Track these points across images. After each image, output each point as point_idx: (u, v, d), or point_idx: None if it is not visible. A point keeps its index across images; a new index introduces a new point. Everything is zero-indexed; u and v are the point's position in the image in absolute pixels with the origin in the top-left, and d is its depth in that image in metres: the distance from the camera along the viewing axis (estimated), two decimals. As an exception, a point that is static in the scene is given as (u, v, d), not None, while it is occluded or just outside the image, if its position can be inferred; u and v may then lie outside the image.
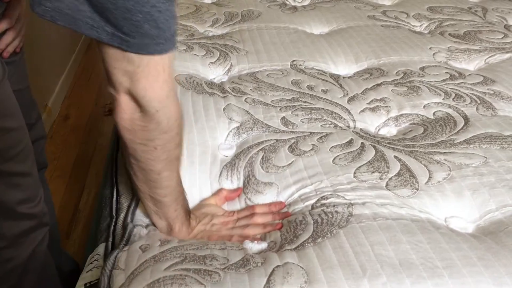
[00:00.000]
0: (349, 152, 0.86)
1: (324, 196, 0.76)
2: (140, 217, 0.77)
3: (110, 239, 0.75)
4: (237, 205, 0.83)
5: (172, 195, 0.71)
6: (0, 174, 0.76)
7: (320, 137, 0.91)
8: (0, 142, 0.73)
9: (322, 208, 0.74)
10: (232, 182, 0.85)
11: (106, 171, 0.99)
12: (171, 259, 0.64)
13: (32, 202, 0.82)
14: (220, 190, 0.83)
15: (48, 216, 0.89)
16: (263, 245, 0.71)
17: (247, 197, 0.82)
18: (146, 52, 0.58)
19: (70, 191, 1.69)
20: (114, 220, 0.77)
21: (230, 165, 0.87)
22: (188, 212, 0.76)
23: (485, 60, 1.24)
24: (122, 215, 0.76)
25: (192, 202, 0.82)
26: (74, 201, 1.65)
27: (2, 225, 0.81)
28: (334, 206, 0.74)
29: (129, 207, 0.77)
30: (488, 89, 1.07)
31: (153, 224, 0.76)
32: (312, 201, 0.76)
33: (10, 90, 0.74)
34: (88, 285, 0.73)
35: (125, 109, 0.62)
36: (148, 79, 0.59)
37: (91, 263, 0.76)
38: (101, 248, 0.76)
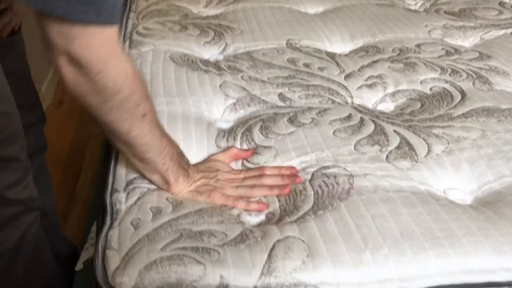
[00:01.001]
0: (348, 125, 0.86)
1: (325, 166, 0.76)
2: (119, 181, 0.74)
3: (100, 215, 0.74)
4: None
5: (152, 151, 0.69)
6: None
7: (319, 112, 0.90)
8: None
9: (323, 178, 0.74)
10: (228, 141, 0.83)
11: (104, 152, 0.99)
12: (166, 237, 0.62)
13: (18, 187, 0.82)
14: (230, 148, 0.80)
15: (38, 201, 0.88)
16: (261, 217, 0.70)
17: (245, 159, 0.80)
18: (74, 19, 0.55)
19: (66, 175, 1.69)
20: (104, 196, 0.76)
21: (228, 130, 0.86)
22: (182, 164, 0.73)
23: (480, 36, 1.24)
24: (109, 188, 0.75)
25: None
26: (70, 186, 1.64)
27: None
28: (335, 177, 0.73)
29: (107, 175, 0.75)
30: (484, 64, 1.08)
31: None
32: (313, 169, 0.75)
33: (1, 74, 0.73)
34: (86, 263, 0.73)
35: (66, 74, 0.59)
36: (83, 39, 0.56)
37: (87, 241, 0.76)
38: (94, 226, 0.76)
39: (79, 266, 0.75)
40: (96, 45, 0.57)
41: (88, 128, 1.94)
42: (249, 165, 0.79)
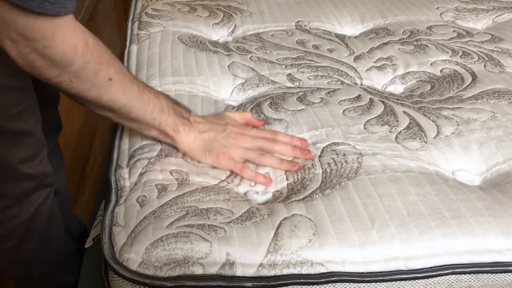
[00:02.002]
0: (358, 106, 0.86)
1: (335, 142, 0.75)
2: (123, 157, 0.74)
3: (107, 192, 0.74)
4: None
5: (135, 110, 0.69)
6: (2, 132, 0.75)
7: (328, 92, 0.90)
8: (1, 100, 0.73)
9: (332, 155, 0.73)
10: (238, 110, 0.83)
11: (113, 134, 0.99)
12: (172, 215, 0.63)
13: (33, 161, 0.82)
14: (245, 112, 0.79)
15: (51, 177, 0.89)
16: (268, 196, 0.70)
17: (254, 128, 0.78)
18: (28, 6, 0.55)
19: (76, 158, 1.70)
20: (109, 172, 0.76)
21: (237, 106, 0.86)
22: (179, 113, 0.72)
23: (493, 19, 1.22)
24: (113, 164, 0.75)
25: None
26: (80, 168, 1.65)
27: (4, 185, 0.82)
28: (344, 155, 0.73)
29: (111, 152, 0.76)
30: (496, 47, 1.06)
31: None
32: (323, 145, 0.75)
33: None
34: (95, 239, 0.74)
35: (17, 57, 0.60)
36: (23, 18, 0.57)
37: (96, 219, 0.77)
38: (103, 204, 0.77)
39: (88, 242, 0.76)
40: (38, 26, 0.58)
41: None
42: None
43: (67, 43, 0.61)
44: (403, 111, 0.84)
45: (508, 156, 0.75)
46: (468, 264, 0.59)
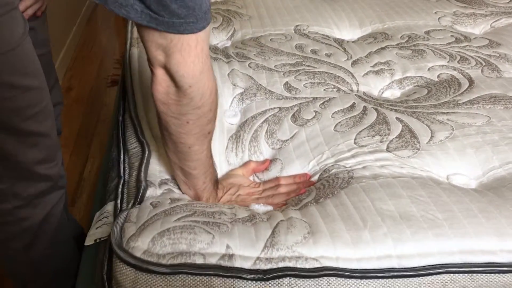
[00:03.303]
0: (350, 117, 0.87)
1: (326, 169, 0.77)
2: (153, 176, 0.77)
3: (119, 197, 0.76)
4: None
5: (201, 168, 0.72)
6: (18, 133, 0.76)
7: (323, 103, 0.91)
8: (19, 100, 0.73)
9: (324, 180, 0.75)
10: (237, 156, 0.86)
11: (112, 136, 0.99)
12: (181, 213, 0.65)
13: (49, 163, 0.83)
14: (248, 162, 0.84)
15: (65, 179, 0.89)
16: (269, 207, 0.73)
17: (254, 174, 0.83)
18: (176, 31, 0.58)
19: (75, 160, 1.70)
20: (122, 180, 0.78)
21: (235, 137, 0.87)
22: (216, 183, 0.77)
23: (491, 24, 1.23)
24: (134, 174, 0.77)
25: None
26: (78, 170, 1.66)
27: (18, 185, 0.82)
28: (335, 175, 0.75)
29: (140, 165, 0.77)
30: (493, 51, 1.07)
31: (179, 188, 0.77)
32: (316, 176, 0.78)
33: (31, 48, 0.73)
34: (97, 240, 0.74)
35: (160, 83, 0.63)
36: (181, 54, 0.60)
37: (100, 219, 0.77)
38: (109, 206, 0.77)
39: (89, 241, 0.76)
40: (192, 61, 0.60)
41: (97, 113, 1.95)
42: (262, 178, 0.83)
43: (208, 85, 0.64)
44: (396, 118, 0.85)
45: (504, 161, 0.76)
46: (461, 264, 0.59)
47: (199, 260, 0.58)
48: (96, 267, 0.68)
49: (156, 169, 0.79)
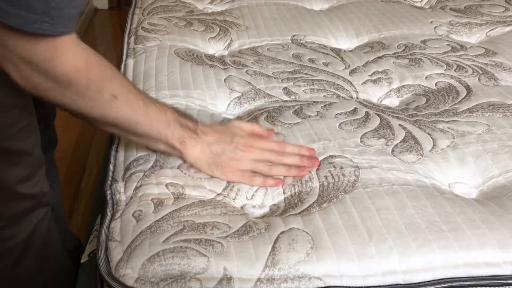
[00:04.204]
0: (354, 119, 0.86)
1: (332, 155, 0.75)
2: (118, 171, 0.74)
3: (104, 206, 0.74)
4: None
5: (140, 125, 0.69)
6: (0, 152, 0.75)
7: (324, 105, 0.90)
8: (1, 119, 0.72)
9: (329, 168, 0.73)
10: None
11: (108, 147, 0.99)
12: (169, 230, 0.62)
13: (30, 181, 0.81)
14: (254, 123, 0.79)
15: (49, 196, 0.88)
16: (265, 209, 0.70)
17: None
18: (28, 29, 0.55)
19: (72, 171, 1.69)
20: (104, 186, 0.76)
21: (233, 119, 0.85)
22: (186, 125, 0.72)
23: (486, 33, 1.23)
24: (109, 178, 0.75)
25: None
26: (75, 181, 1.65)
27: (0, 205, 0.80)
28: (341, 167, 0.73)
29: (107, 165, 0.76)
30: (489, 60, 1.07)
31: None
32: (320, 158, 0.75)
33: None
34: (91, 254, 0.73)
35: (20, 77, 0.61)
36: (28, 44, 0.57)
37: (92, 233, 0.76)
38: (99, 219, 0.76)
39: (84, 258, 0.75)
40: (39, 49, 0.58)
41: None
42: None
43: (69, 64, 0.62)
44: (399, 124, 0.85)
45: (504, 169, 0.76)
46: (466, 277, 0.59)
47: (195, 287, 0.56)
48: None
49: (121, 161, 0.77)
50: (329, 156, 0.76)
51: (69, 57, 0.61)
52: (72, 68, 0.62)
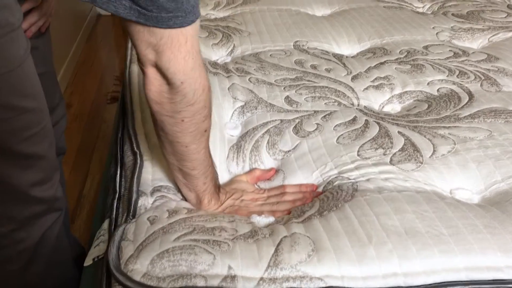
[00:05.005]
0: (353, 130, 0.87)
1: (329, 181, 0.77)
2: (145, 185, 0.76)
3: (114, 212, 0.75)
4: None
5: (201, 168, 0.71)
6: (14, 155, 0.74)
7: (324, 116, 0.91)
8: (16, 122, 0.71)
9: (328, 191, 0.75)
10: (238, 165, 0.85)
11: (111, 152, 0.99)
12: (180, 230, 0.64)
13: (44, 185, 0.81)
14: (253, 169, 0.83)
15: (61, 201, 0.88)
16: (271, 219, 0.72)
17: (256, 183, 0.83)
18: (165, 26, 0.58)
19: (74, 177, 1.69)
20: (117, 194, 0.77)
21: (236, 147, 0.87)
22: (217, 186, 0.76)
23: (488, 38, 1.24)
24: (127, 186, 0.76)
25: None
26: (78, 188, 1.65)
27: (13, 208, 0.80)
28: (339, 187, 0.75)
29: (132, 176, 0.77)
30: (492, 66, 1.07)
31: (181, 195, 0.76)
32: (319, 189, 0.77)
33: (32, 69, 0.72)
34: (95, 259, 0.73)
35: (152, 82, 0.63)
36: (171, 51, 0.59)
37: (97, 238, 0.76)
38: (106, 224, 0.77)
39: (88, 262, 0.75)
40: (183, 57, 0.60)
41: (97, 130, 1.95)
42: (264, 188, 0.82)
43: (200, 81, 0.64)
44: (398, 132, 0.85)
45: (506, 175, 0.76)
46: (467, 281, 0.59)
47: (200, 283, 0.57)
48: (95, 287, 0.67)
49: (148, 178, 0.78)
50: (327, 183, 0.77)
51: (201, 75, 0.64)
52: (201, 86, 0.64)
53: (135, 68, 1.07)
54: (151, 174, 0.79)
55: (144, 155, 0.82)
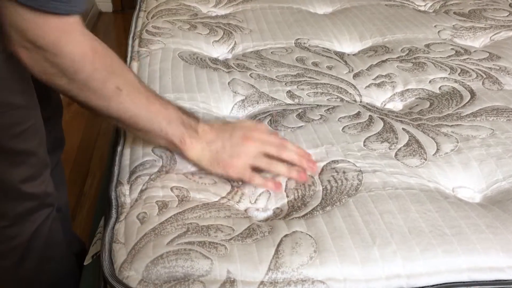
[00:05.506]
0: (357, 123, 0.86)
1: (335, 160, 0.75)
2: (123, 172, 0.75)
3: (108, 209, 0.74)
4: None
5: (142, 120, 0.70)
6: (4, 151, 0.75)
7: (328, 109, 0.90)
8: (5, 118, 0.72)
9: (332, 173, 0.73)
10: None
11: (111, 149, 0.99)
12: (173, 232, 0.62)
13: (35, 181, 0.81)
14: (260, 122, 0.79)
15: (53, 197, 0.88)
16: (269, 213, 0.70)
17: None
18: (44, 8, 0.57)
19: (75, 175, 1.69)
20: (109, 188, 0.76)
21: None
22: (188, 123, 0.73)
23: (490, 37, 1.23)
24: (114, 180, 0.75)
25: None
26: (78, 185, 1.65)
27: (5, 204, 0.81)
28: (344, 172, 0.73)
29: (112, 167, 0.76)
30: (494, 64, 1.07)
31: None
32: (323, 163, 0.75)
33: (20, 65, 0.73)
34: (94, 256, 0.74)
35: (29, 61, 0.62)
36: (37, 27, 0.59)
37: (95, 236, 0.76)
38: (102, 221, 0.76)
39: (87, 260, 0.75)
40: (48, 31, 0.60)
41: (97, 127, 1.95)
42: None
43: (76, 49, 0.63)
44: (403, 128, 0.85)
45: (508, 173, 0.75)
46: (469, 282, 0.59)
47: None
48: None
49: (126, 164, 0.77)
50: (332, 161, 0.76)
51: (76, 41, 0.63)
52: (78, 54, 0.63)
53: (135, 65, 1.07)
54: (128, 160, 0.78)
55: (126, 145, 0.81)
